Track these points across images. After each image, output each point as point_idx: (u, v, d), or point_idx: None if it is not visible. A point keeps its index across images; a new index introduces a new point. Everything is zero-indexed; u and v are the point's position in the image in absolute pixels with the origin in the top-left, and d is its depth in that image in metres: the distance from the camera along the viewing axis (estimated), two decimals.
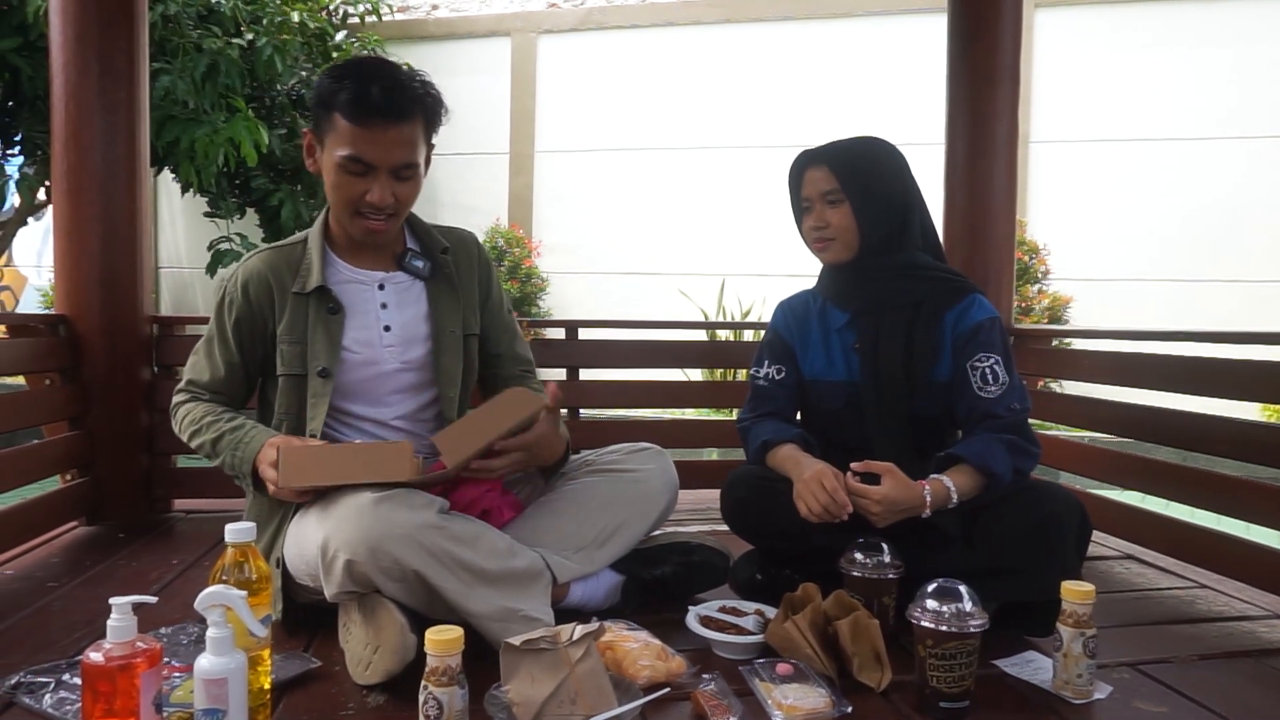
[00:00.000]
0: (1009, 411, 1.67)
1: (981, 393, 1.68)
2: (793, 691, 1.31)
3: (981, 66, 2.75)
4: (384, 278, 1.72)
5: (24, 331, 2.36)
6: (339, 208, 1.62)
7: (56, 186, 2.38)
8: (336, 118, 1.53)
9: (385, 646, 1.36)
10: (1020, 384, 1.71)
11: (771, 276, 6.86)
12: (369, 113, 1.51)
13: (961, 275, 1.79)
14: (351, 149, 1.52)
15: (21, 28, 4.95)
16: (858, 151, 1.75)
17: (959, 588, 1.33)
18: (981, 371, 1.69)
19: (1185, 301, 6.67)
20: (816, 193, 1.75)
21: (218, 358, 1.71)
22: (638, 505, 1.74)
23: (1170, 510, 2.21)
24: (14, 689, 1.34)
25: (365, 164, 1.54)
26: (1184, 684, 1.46)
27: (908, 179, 1.77)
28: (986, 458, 1.60)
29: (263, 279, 1.67)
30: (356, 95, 1.51)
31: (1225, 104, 6.66)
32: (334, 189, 1.58)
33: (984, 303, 1.75)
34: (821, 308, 1.87)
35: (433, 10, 8.21)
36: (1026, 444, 1.66)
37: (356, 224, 1.61)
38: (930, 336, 1.72)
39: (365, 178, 1.55)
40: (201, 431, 1.65)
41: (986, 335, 1.71)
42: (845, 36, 7.41)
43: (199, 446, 1.66)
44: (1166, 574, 2.13)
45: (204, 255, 7.89)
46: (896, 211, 1.74)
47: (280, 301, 1.66)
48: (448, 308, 1.75)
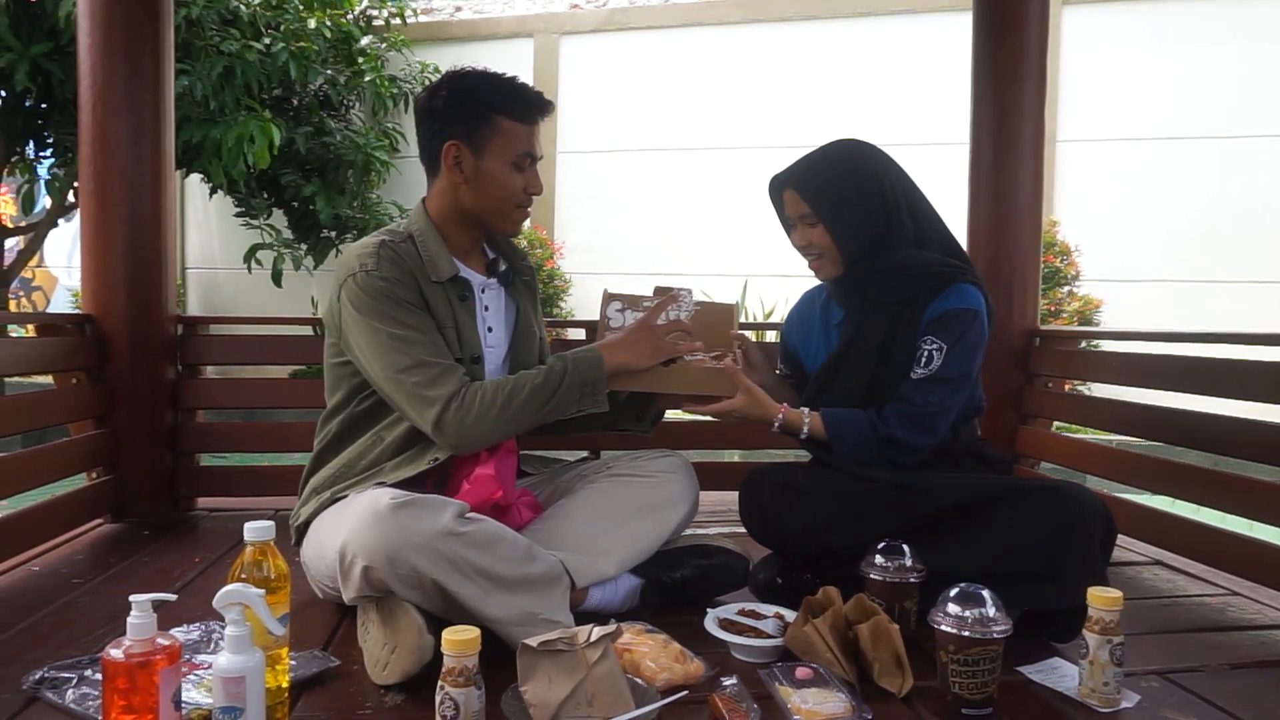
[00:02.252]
0: (921, 401, 1.68)
1: (913, 372, 1.70)
2: (812, 696, 1.30)
3: (1007, 64, 2.71)
4: (484, 282, 1.77)
5: (52, 331, 2.39)
6: (505, 203, 1.68)
7: (83, 187, 2.41)
8: (502, 123, 1.64)
9: (403, 647, 1.36)
10: (954, 375, 1.68)
11: (794, 277, 6.80)
12: (536, 110, 1.67)
13: (952, 263, 1.76)
14: (526, 146, 1.66)
15: (53, 32, 5.03)
16: (824, 168, 1.76)
17: (982, 592, 1.32)
18: (922, 353, 1.70)
19: (1217, 303, 6.55)
20: (795, 214, 1.79)
21: (428, 338, 1.60)
22: (658, 513, 1.73)
23: (1200, 515, 2.16)
24: (38, 684, 1.35)
25: (533, 158, 1.68)
26: (1215, 693, 1.43)
27: (884, 179, 1.74)
28: (842, 435, 1.70)
29: (400, 264, 1.63)
30: (520, 97, 1.66)
31: (1260, 100, 6.54)
32: (501, 186, 1.67)
33: (967, 291, 1.71)
34: (825, 302, 1.94)
35: (456, 12, 8.24)
36: (903, 445, 1.68)
37: (517, 215, 1.72)
38: (910, 334, 1.73)
39: (527, 172, 1.68)
40: (516, 391, 1.58)
41: (947, 321, 1.70)
42: (869, 35, 7.36)
43: (520, 406, 1.58)
44: (1196, 580, 2.09)
45: (234, 255, 8.03)
46: (876, 215, 1.73)
47: (424, 287, 1.65)
48: (526, 315, 1.83)
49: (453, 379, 1.58)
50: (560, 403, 1.61)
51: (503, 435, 1.63)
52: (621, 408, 1.81)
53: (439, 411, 1.55)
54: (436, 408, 1.55)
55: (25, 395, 2.24)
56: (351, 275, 1.62)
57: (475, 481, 1.60)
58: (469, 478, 1.61)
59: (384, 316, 1.58)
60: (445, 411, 1.55)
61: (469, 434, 1.57)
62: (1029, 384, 2.70)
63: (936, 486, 1.66)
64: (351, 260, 1.64)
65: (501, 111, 1.64)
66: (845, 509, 1.71)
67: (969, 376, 1.72)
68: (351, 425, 1.72)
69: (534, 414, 1.60)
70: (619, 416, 1.82)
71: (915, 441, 1.68)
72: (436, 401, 1.55)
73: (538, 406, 1.59)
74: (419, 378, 1.56)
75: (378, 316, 1.58)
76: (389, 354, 1.57)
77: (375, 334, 1.58)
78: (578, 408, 1.62)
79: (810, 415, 1.72)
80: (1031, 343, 2.71)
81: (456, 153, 1.66)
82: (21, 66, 4.96)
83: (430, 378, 1.56)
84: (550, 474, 1.91)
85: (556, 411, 1.62)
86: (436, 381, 1.56)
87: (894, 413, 1.69)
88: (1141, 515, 2.23)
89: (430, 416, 1.55)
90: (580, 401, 1.62)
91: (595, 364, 1.62)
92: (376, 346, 1.58)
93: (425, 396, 1.56)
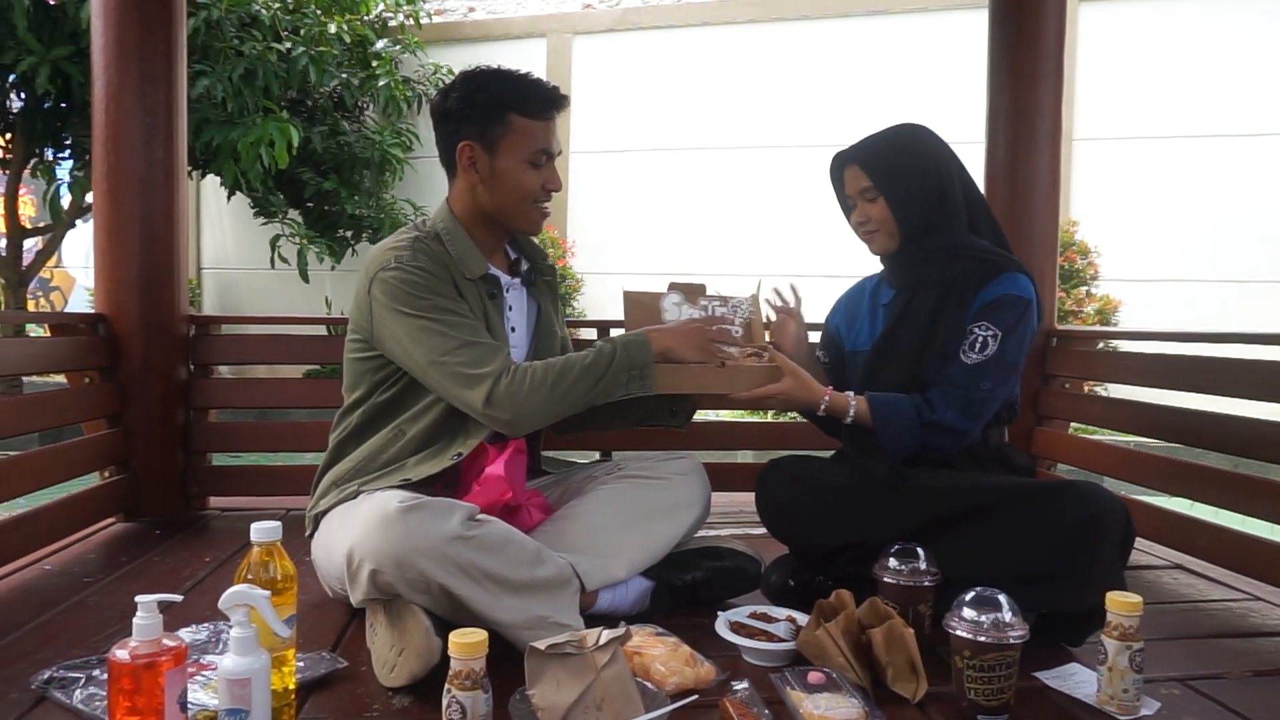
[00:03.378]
0: (972, 385, 1.66)
1: (963, 356, 1.67)
2: (825, 701, 1.28)
3: (1024, 61, 2.68)
4: (508, 281, 1.77)
5: (65, 330, 2.40)
6: (522, 201, 1.68)
7: (97, 187, 2.42)
8: (515, 120, 1.63)
9: (410, 649, 1.35)
10: (1007, 364, 1.67)
11: (808, 277, 6.78)
12: (549, 106, 1.66)
13: (1003, 253, 1.76)
14: (540, 144, 1.65)
15: (73, 35, 5.07)
16: (887, 146, 1.76)
17: (998, 596, 1.29)
18: (974, 338, 1.68)
19: (1237, 303, 6.47)
20: (855, 190, 1.79)
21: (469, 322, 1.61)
22: (670, 515, 1.72)
23: (1219, 518, 2.13)
24: (46, 684, 1.35)
25: (549, 155, 1.67)
26: (1238, 701, 1.40)
27: (942, 161, 1.76)
28: (887, 420, 1.66)
29: (435, 258, 1.65)
30: (532, 93, 1.65)
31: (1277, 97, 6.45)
32: (517, 185, 1.66)
33: (1019, 281, 1.71)
34: (876, 287, 1.93)
35: (469, 13, 8.26)
36: (949, 431, 1.65)
37: (535, 213, 1.71)
38: (960, 313, 1.71)
39: (544, 169, 1.67)
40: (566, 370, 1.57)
41: (1002, 307, 1.68)
42: (882, 33, 7.31)
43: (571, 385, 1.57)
44: (1217, 585, 2.05)
45: (249, 255, 8.08)
46: (932, 195, 1.73)
47: (459, 282, 1.66)
48: (548, 314, 1.83)
49: (499, 356, 1.58)
50: (609, 384, 1.59)
51: (554, 415, 1.61)
52: (654, 402, 1.78)
53: (490, 387, 1.54)
54: (487, 384, 1.54)
55: (39, 394, 2.26)
56: (383, 269, 1.62)
57: (485, 483, 1.59)
58: (479, 479, 1.60)
59: (422, 305, 1.58)
60: (496, 386, 1.54)
61: (522, 409, 1.55)
62: (1046, 385, 2.66)
63: (954, 485, 1.65)
64: (383, 255, 1.64)
65: (513, 109, 1.64)
66: (861, 506, 1.70)
67: (1018, 366, 1.71)
68: (372, 418, 1.72)
69: (583, 394, 1.59)
70: (653, 411, 1.80)
71: (961, 426, 1.65)
72: (486, 379, 1.54)
73: (587, 387, 1.58)
74: (464, 358, 1.56)
75: (415, 305, 1.58)
76: (431, 338, 1.57)
77: (414, 322, 1.58)
78: (625, 390, 1.61)
79: (856, 399, 1.69)
80: (1049, 343, 2.68)
81: (471, 153, 1.67)
82: (43, 70, 5.01)
83: (475, 357, 1.56)
84: (561, 475, 1.90)
85: (604, 394, 1.60)
86: (482, 360, 1.56)
87: (941, 396, 1.66)
88: (1160, 518, 2.19)
89: (481, 393, 1.54)
90: (628, 385, 1.60)
91: (644, 348, 1.61)
92: (417, 334, 1.58)
93: (473, 375, 1.55)
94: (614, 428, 1.87)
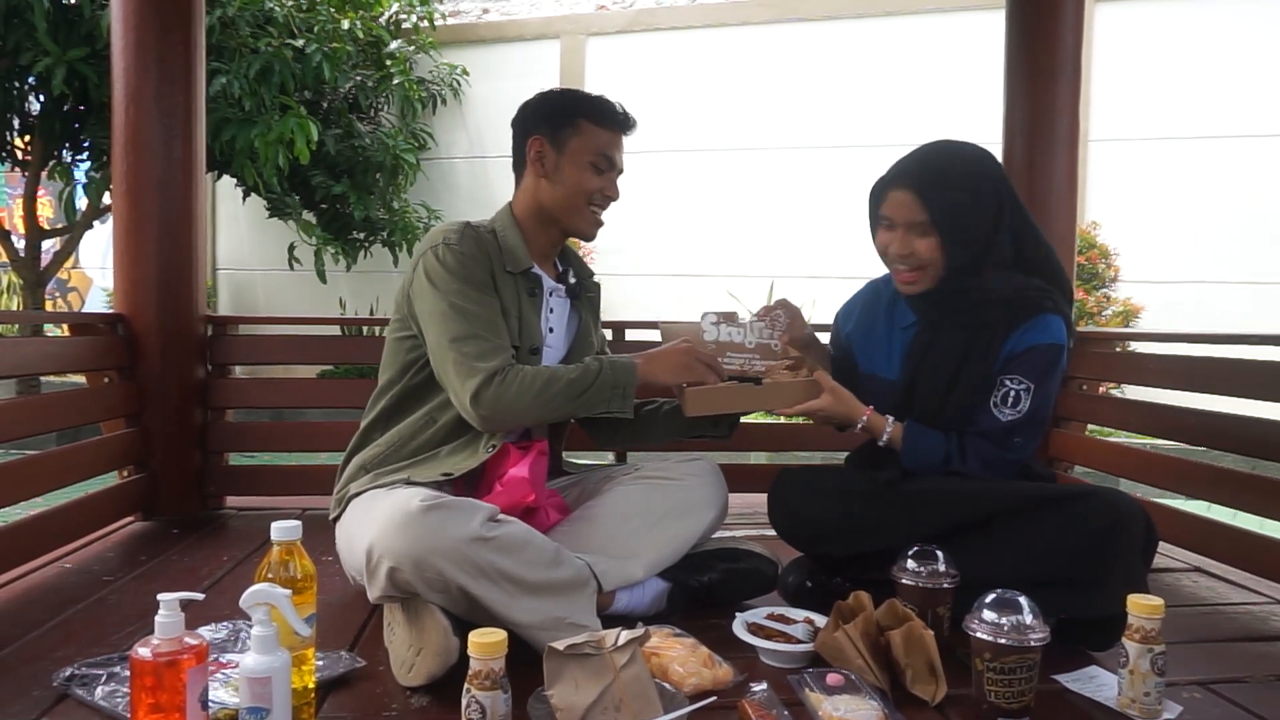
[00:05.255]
0: (1006, 444, 1.64)
1: (995, 410, 1.64)
2: (844, 703, 1.27)
3: (1041, 61, 2.66)
4: (552, 286, 1.82)
5: (84, 330, 2.42)
6: (577, 199, 1.75)
7: (116, 188, 2.44)
8: (585, 125, 1.75)
9: (428, 649, 1.35)
10: (1040, 418, 1.64)
11: (822, 279, 6.76)
12: (618, 123, 1.79)
13: (1038, 288, 1.66)
14: (605, 149, 1.75)
15: (89, 36, 5.11)
16: (950, 175, 1.62)
17: (1019, 599, 1.28)
18: (1006, 391, 1.64)
19: (1258, 304, 6.42)
20: (903, 219, 1.64)
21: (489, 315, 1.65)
22: (687, 516, 1.72)
23: (1238, 520, 2.11)
24: (68, 681, 1.36)
25: (611, 162, 1.77)
26: (1261, 705, 1.39)
27: (1001, 191, 1.65)
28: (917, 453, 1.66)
29: (481, 246, 1.71)
30: (608, 109, 1.78)
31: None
32: (578, 183, 1.74)
33: (1053, 325, 1.64)
34: (891, 300, 1.83)
35: (483, 14, 8.28)
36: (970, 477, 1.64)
37: (588, 215, 1.78)
38: (985, 363, 1.66)
39: (605, 175, 1.76)
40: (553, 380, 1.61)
41: (1033, 358, 1.63)
42: (897, 34, 7.28)
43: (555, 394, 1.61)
44: (1238, 588, 2.03)
45: (264, 256, 8.12)
46: (988, 235, 1.63)
47: (497, 274, 1.72)
48: (587, 326, 1.88)
49: (501, 356, 1.62)
50: (592, 399, 1.63)
51: (532, 419, 1.67)
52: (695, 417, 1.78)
53: (480, 382, 1.58)
54: (479, 378, 1.58)
55: (58, 394, 2.27)
56: (433, 247, 1.69)
57: (508, 484, 1.60)
58: (501, 479, 1.61)
59: (452, 287, 1.65)
60: (487, 384, 1.58)
61: (503, 410, 1.60)
62: (1064, 386, 2.64)
63: (973, 493, 1.63)
64: (436, 234, 1.72)
65: (584, 115, 1.75)
66: (878, 513, 1.68)
67: (1049, 418, 1.69)
68: (403, 400, 1.76)
69: (565, 404, 1.63)
70: (696, 422, 1.80)
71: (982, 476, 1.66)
72: (480, 373, 1.59)
73: (569, 398, 1.62)
74: (470, 348, 1.61)
75: (446, 285, 1.65)
76: (447, 321, 1.63)
77: (439, 300, 1.64)
78: (606, 407, 1.65)
79: (893, 425, 1.69)
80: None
81: (539, 147, 1.75)
82: (59, 71, 5.04)
83: (481, 350, 1.61)
84: (579, 475, 1.90)
85: (586, 407, 1.64)
86: (486, 355, 1.61)
87: (975, 449, 1.64)
88: (1179, 520, 2.18)
89: (472, 386, 1.58)
90: (610, 403, 1.64)
91: (628, 370, 1.66)
92: (438, 313, 1.64)
93: (472, 366, 1.59)
94: (658, 440, 1.91)
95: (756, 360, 1.76)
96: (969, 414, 1.67)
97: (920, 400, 1.72)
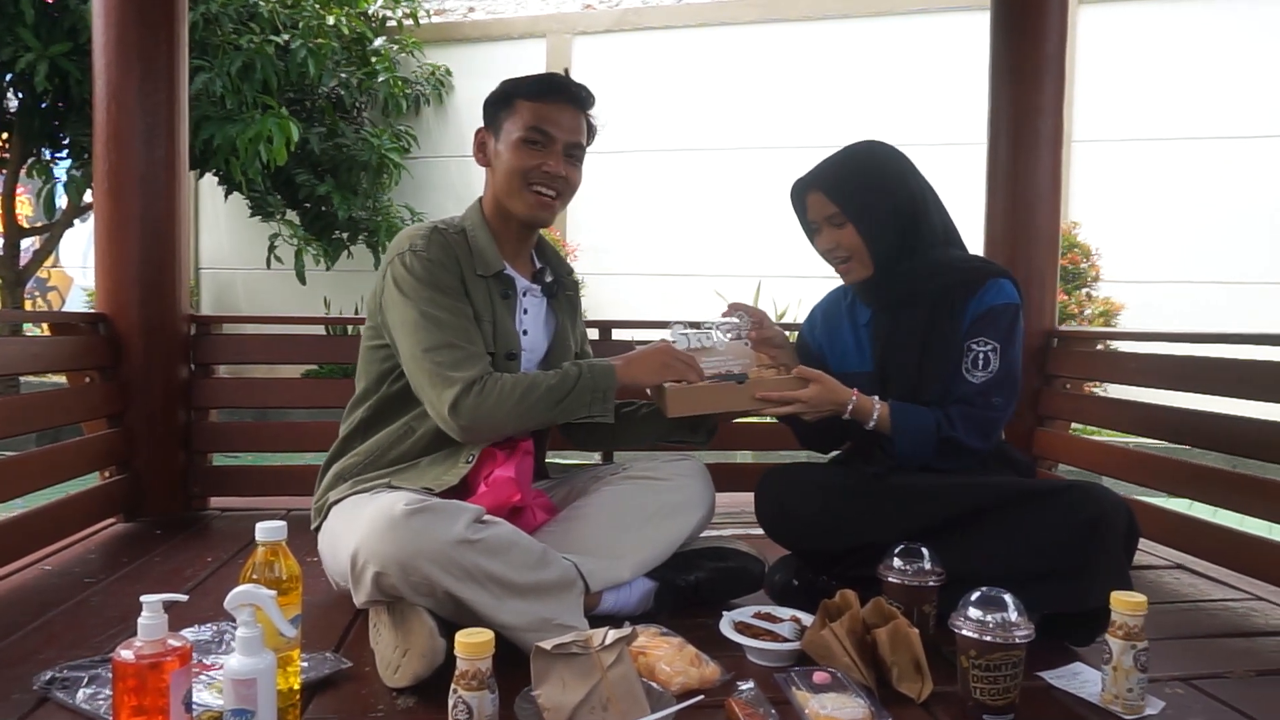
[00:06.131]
0: (985, 404, 1.67)
1: (968, 375, 1.69)
2: (830, 701, 1.27)
3: (1026, 61, 2.68)
4: (526, 286, 1.78)
5: (66, 330, 2.39)
6: (513, 180, 1.68)
7: (98, 186, 2.42)
8: (518, 102, 1.67)
9: (414, 650, 1.35)
10: (1012, 376, 1.69)
11: (808, 278, 6.76)
12: (551, 91, 1.68)
13: (984, 260, 1.78)
14: (534, 121, 1.66)
15: (72, 31, 5.05)
16: (850, 169, 1.74)
17: (1004, 596, 1.29)
18: (975, 355, 1.69)
19: (1237, 304, 6.48)
20: (820, 216, 1.76)
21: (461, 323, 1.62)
22: (674, 516, 1.72)
23: (1219, 518, 2.13)
24: (48, 684, 1.35)
25: (545, 135, 1.66)
26: (1241, 701, 1.40)
27: (909, 180, 1.74)
28: (907, 429, 1.67)
29: (448, 249, 1.67)
30: (541, 80, 1.69)
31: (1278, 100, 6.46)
32: (510, 164, 1.67)
33: (1005, 287, 1.72)
34: (851, 303, 1.90)
35: (469, 13, 8.25)
36: (964, 446, 1.67)
37: (527, 197, 1.68)
38: (953, 328, 1.71)
39: (543, 151, 1.67)
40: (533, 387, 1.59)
41: (994, 318, 1.69)
42: (883, 35, 7.31)
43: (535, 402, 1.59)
44: (1219, 585, 2.05)
45: (246, 255, 8.06)
46: (904, 216, 1.72)
47: (467, 277, 1.68)
48: (564, 328, 1.84)
49: (477, 364, 1.59)
50: (572, 404, 1.62)
51: (512, 428, 1.64)
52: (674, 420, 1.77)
53: (458, 393, 1.55)
54: (456, 388, 1.55)
55: (39, 394, 2.25)
56: (400, 254, 1.65)
57: (494, 484, 1.59)
58: (487, 479, 1.60)
59: (422, 295, 1.61)
60: (465, 394, 1.55)
61: (482, 420, 1.57)
62: (1047, 385, 2.66)
63: (957, 488, 1.65)
64: (403, 240, 1.68)
65: (519, 94, 1.69)
66: (864, 508, 1.69)
67: (1020, 375, 1.72)
68: (380, 410, 1.73)
69: (545, 411, 1.61)
70: (675, 426, 1.80)
71: (977, 445, 1.68)
72: (457, 383, 1.56)
73: (550, 405, 1.60)
74: (444, 357, 1.57)
75: (416, 294, 1.61)
76: (419, 331, 1.59)
77: (410, 310, 1.60)
78: (587, 412, 1.63)
79: (880, 405, 1.70)
80: (1049, 344, 2.68)
81: (483, 137, 1.73)
82: (41, 66, 4.98)
83: (455, 359, 1.58)
84: (565, 475, 1.90)
85: (567, 413, 1.63)
86: (461, 364, 1.57)
87: (960, 415, 1.68)
88: (1162, 518, 2.20)
89: (449, 396, 1.55)
90: (590, 406, 1.63)
91: (608, 374, 1.64)
92: (409, 323, 1.60)
93: (447, 376, 1.56)
94: (637, 444, 1.90)
95: (732, 361, 1.75)
96: (942, 388, 1.71)
97: (895, 383, 1.75)
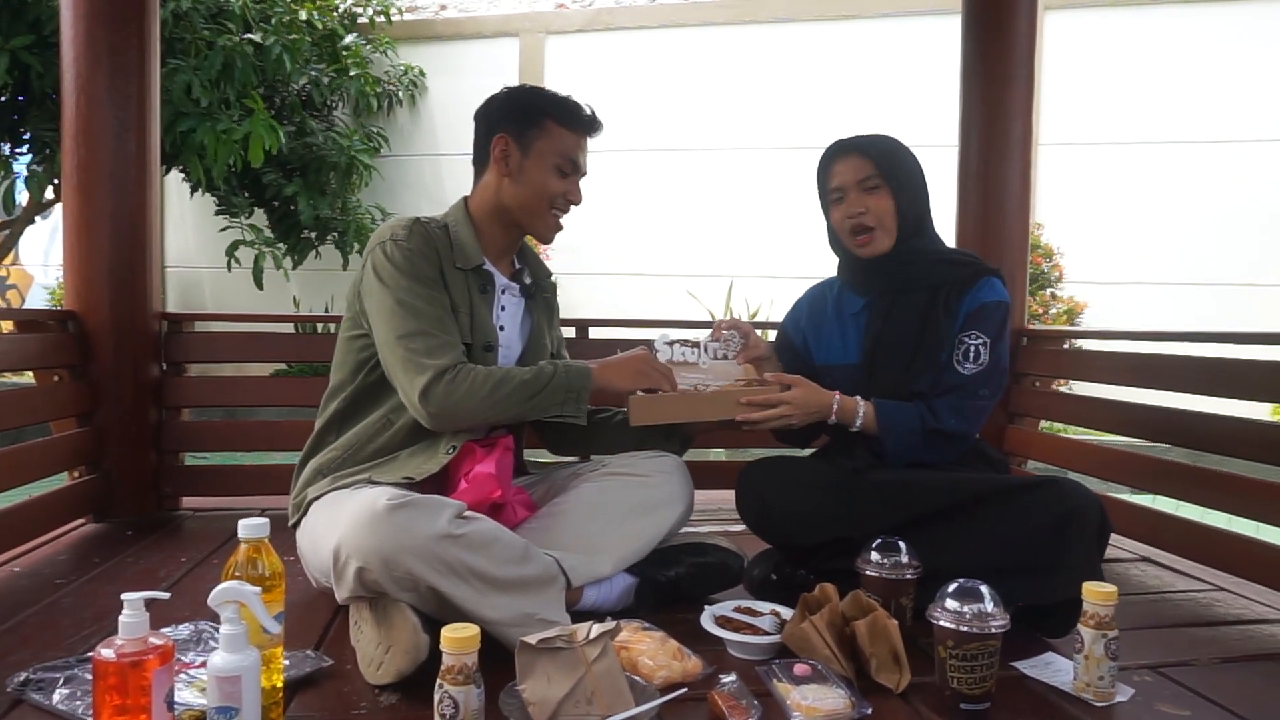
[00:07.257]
0: (973, 395, 1.72)
1: (959, 367, 1.73)
2: (811, 692, 1.29)
3: (997, 66, 2.73)
4: (505, 284, 1.80)
5: (33, 328, 2.34)
6: (540, 202, 1.73)
7: (66, 182, 2.37)
8: (550, 125, 1.72)
9: (398, 646, 1.34)
10: (1000, 370, 1.75)
11: (779, 278, 6.83)
12: (585, 124, 1.76)
13: (977, 257, 1.85)
14: (570, 151, 1.73)
15: (34, 24, 4.94)
16: (890, 144, 1.81)
17: (980, 588, 1.32)
18: (966, 348, 1.73)
19: (1195, 305, 6.63)
20: (852, 180, 1.78)
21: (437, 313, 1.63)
22: (654, 512, 1.73)
23: (1181, 511, 2.19)
24: (23, 685, 1.33)
25: (576, 166, 1.75)
26: (1206, 687, 1.44)
27: (923, 172, 1.83)
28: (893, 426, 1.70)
29: (430, 242, 1.69)
30: (576, 111, 1.76)
31: (1238, 106, 6.62)
32: (541, 186, 1.73)
33: (996, 285, 1.78)
34: (838, 295, 1.92)
35: (440, 11, 8.21)
36: (951, 438, 1.71)
37: (549, 218, 1.76)
38: (948, 321, 1.75)
39: (569, 179, 1.75)
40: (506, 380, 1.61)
41: (986, 315, 1.75)
42: (855, 38, 7.38)
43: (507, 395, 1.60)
44: (1183, 576, 2.11)
45: (212, 254, 7.93)
46: (924, 199, 1.81)
47: (446, 270, 1.70)
48: (540, 328, 1.86)
49: (451, 353, 1.61)
50: (544, 401, 1.64)
51: (482, 420, 1.65)
52: (648, 428, 1.79)
53: (429, 379, 1.57)
54: (428, 375, 1.57)
55: (5, 393, 2.20)
56: (381, 244, 1.67)
57: (474, 480, 1.59)
58: (468, 475, 1.60)
59: (400, 284, 1.63)
60: (436, 382, 1.57)
61: (452, 409, 1.59)
62: (1017, 384, 2.71)
63: (935, 483, 1.67)
64: (385, 231, 1.70)
65: (552, 116, 1.73)
66: (844, 503, 1.71)
67: (1006, 369, 1.77)
68: (357, 401, 1.74)
69: (517, 406, 1.63)
70: (649, 436, 1.82)
71: (963, 431, 1.72)
72: (429, 370, 1.58)
73: (521, 400, 1.62)
74: (419, 344, 1.59)
75: (394, 282, 1.63)
76: (395, 318, 1.61)
77: (387, 297, 1.63)
78: (559, 410, 1.65)
79: (865, 404, 1.73)
80: (1019, 343, 2.73)
81: (504, 146, 1.74)
82: (1, 60, 4.87)
83: (429, 347, 1.60)
84: (545, 471, 1.90)
85: (538, 409, 1.65)
86: (435, 352, 1.59)
87: (946, 406, 1.72)
88: (1129, 512, 2.25)
89: (420, 383, 1.57)
90: (563, 406, 1.65)
91: (583, 374, 1.67)
92: (385, 310, 1.62)
93: (420, 363, 1.58)
94: (609, 450, 1.88)
95: (710, 380, 1.77)
96: (929, 382, 1.75)
97: (882, 375, 1.78)
